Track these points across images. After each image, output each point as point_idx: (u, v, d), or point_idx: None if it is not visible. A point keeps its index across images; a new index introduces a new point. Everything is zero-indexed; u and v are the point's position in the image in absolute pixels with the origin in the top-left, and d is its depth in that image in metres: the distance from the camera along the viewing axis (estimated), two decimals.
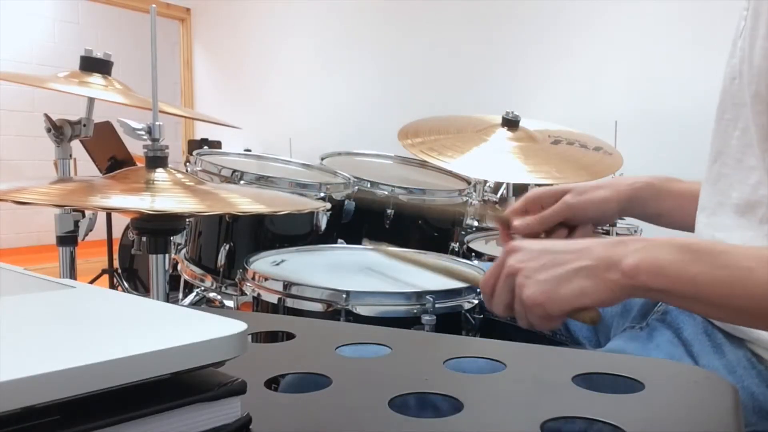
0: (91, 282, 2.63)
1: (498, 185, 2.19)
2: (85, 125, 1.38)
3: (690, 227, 0.81)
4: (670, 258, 0.59)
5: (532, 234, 0.88)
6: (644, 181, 0.88)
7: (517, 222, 0.89)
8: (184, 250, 1.62)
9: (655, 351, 0.74)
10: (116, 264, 2.85)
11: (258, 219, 1.52)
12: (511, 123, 1.80)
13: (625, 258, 0.60)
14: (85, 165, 2.15)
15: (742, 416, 0.41)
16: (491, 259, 1.50)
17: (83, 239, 1.40)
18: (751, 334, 0.68)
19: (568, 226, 0.88)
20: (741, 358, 0.68)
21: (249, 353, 0.33)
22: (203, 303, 1.60)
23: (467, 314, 1.01)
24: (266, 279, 1.05)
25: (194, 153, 1.66)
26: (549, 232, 0.88)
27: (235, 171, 1.51)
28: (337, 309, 0.96)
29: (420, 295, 0.97)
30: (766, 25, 0.64)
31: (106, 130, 2.49)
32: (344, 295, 0.96)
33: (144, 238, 1.02)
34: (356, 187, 1.65)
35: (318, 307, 0.98)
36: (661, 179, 0.89)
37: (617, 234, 1.81)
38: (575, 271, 0.63)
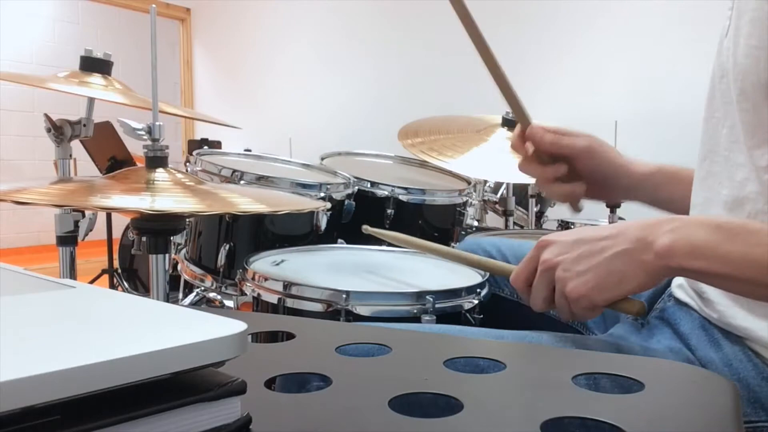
0: (91, 282, 2.63)
1: (498, 185, 2.19)
2: (85, 125, 1.38)
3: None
4: (704, 237, 0.59)
5: (542, 144, 0.86)
6: (656, 165, 0.88)
7: (535, 126, 0.87)
8: (184, 250, 1.62)
9: (656, 344, 0.74)
10: (116, 264, 2.85)
11: (258, 219, 1.52)
12: (511, 123, 1.80)
13: (659, 239, 0.60)
14: (85, 165, 2.15)
15: (741, 416, 0.41)
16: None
17: (83, 239, 1.40)
18: (747, 331, 0.69)
19: (571, 167, 0.87)
20: (737, 352, 0.69)
21: (249, 353, 0.33)
22: (203, 303, 1.60)
23: (467, 314, 1.01)
24: (266, 279, 1.05)
25: (194, 153, 1.66)
26: (555, 157, 0.87)
27: (235, 171, 1.51)
28: (337, 309, 0.96)
29: (420, 295, 0.97)
30: (749, 24, 0.65)
31: (106, 130, 2.49)
32: (344, 295, 0.96)
33: (144, 238, 1.02)
34: (356, 187, 1.65)
35: (318, 307, 0.98)
36: (672, 166, 0.89)
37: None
38: (613, 256, 0.63)
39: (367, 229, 1.07)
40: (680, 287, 0.79)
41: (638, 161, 0.90)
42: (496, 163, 1.71)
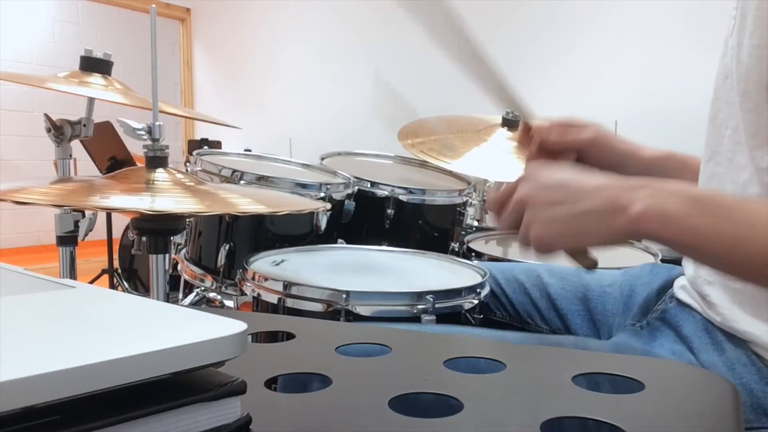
0: (91, 282, 2.63)
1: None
2: (85, 125, 1.38)
3: None
4: (677, 207, 0.59)
5: (548, 140, 0.86)
6: (666, 152, 0.88)
7: (538, 123, 0.87)
8: (184, 250, 1.62)
9: (659, 348, 0.74)
10: (116, 264, 2.85)
11: (258, 219, 1.52)
12: (511, 123, 1.80)
13: (633, 204, 0.60)
14: (85, 165, 2.15)
15: (741, 416, 0.41)
16: (491, 258, 1.50)
17: (83, 239, 1.40)
18: (749, 335, 0.69)
19: (579, 155, 0.87)
20: (741, 356, 0.69)
21: (249, 353, 0.33)
22: (203, 303, 1.60)
23: (467, 314, 1.01)
24: (266, 279, 1.05)
25: (194, 153, 1.66)
26: (563, 148, 0.87)
27: (235, 171, 1.51)
28: (337, 309, 0.96)
29: (420, 295, 0.97)
30: (752, 23, 0.65)
31: (106, 130, 2.48)
32: (344, 295, 0.96)
33: (144, 238, 1.02)
34: (356, 187, 1.65)
35: (318, 307, 0.98)
36: (682, 154, 0.89)
37: None
38: (584, 212, 0.63)
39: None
40: (683, 288, 0.79)
41: (647, 147, 0.89)
42: (496, 163, 1.71)
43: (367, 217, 1.65)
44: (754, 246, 0.56)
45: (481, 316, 1.02)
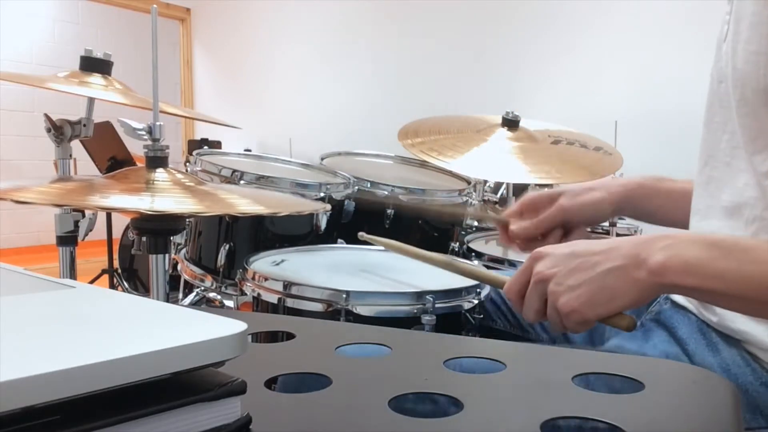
0: (91, 282, 2.63)
1: (498, 185, 2.19)
2: (85, 125, 1.38)
3: (681, 224, 0.82)
4: (698, 254, 0.59)
5: (530, 237, 0.89)
6: (636, 181, 0.90)
7: (514, 227, 0.90)
8: (184, 250, 1.62)
9: (652, 350, 0.74)
10: (116, 264, 2.85)
11: (258, 219, 1.52)
12: (511, 123, 1.80)
13: (652, 256, 0.60)
14: (85, 165, 2.15)
15: (741, 415, 0.41)
16: (491, 258, 1.50)
17: (83, 239, 1.40)
18: (745, 335, 0.69)
19: (563, 227, 0.89)
20: (735, 357, 0.69)
21: (249, 353, 0.33)
22: (203, 303, 1.60)
23: (467, 314, 1.01)
24: (266, 279, 1.05)
25: (194, 153, 1.66)
26: (545, 235, 0.89)
27: (235, 171, 1.51)
28: (337, 309, 0.96)
29: (420, 295, 0.97)
30: (747, 29, 0.64)
31: (106, 130, 2.49)
32: (344, 295, 0.96)
33: (144, 238, 1.02)
34: (356, 187, 1.65)
35: (318, 307, 0.98)
36: (653, 179, 0.90)
37: (617, 234, 1.81)
38: (605, 272, 0.63)
39: (362, 236, 1.07)
40: None
41: (615, 183, 0.91)
42: (496, 163, 1.71)
43: (367, 217, 1.65)
44: None
45: (481, 316, 1.02)
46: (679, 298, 0.78)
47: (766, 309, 0.61)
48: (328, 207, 1.29)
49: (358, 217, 1.62)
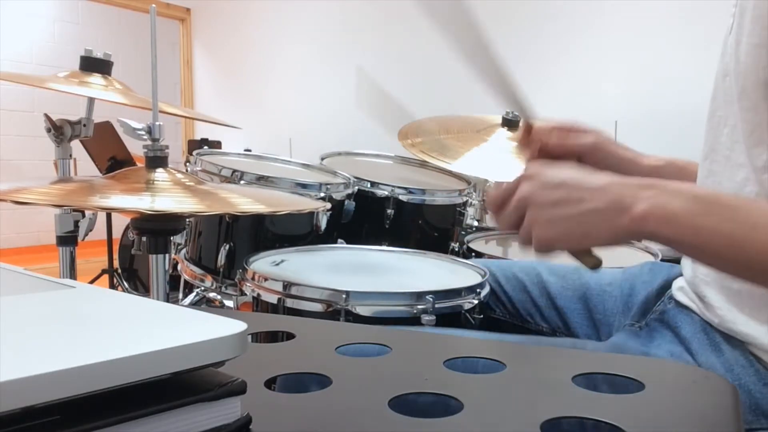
0: (91, 282, 2.63)
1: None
2: (85, 125, 1.38)
3: None
4: (680, 206, 0.59)
5: (546, 148, 0.86)
6: (666, 159, 0.88)
7: (539, 125, 0.87)
8: (184, 250, 1.62)
9: (656, 349, 0.74)
10: (116, 264, 2.84)
11: (258, 219, 1.52)
12: (511, 123, 1.80)
13: (636, 203, 0.60)
14: (85, 165, 2.15)
15: (741, 416, 0.41)
16: (491, 258, 1.50)
17: (83, 239, 1.40)
18: (747, 336, 0.69)
19: (580, 161, 0.87)
20: (739, 357, 0.69)
21: (249, 353, 0.33)
22: (203, 303, 1.60)
23: (467, 314, 1.01)
24: (266, 279, 1.05)
25: (194, 153, 1.66)
26: (561, 156, 0.86)
27: (235, 171, 1.51)
28: (337, 309, 0.96)
29: (420, 295, 0.97)
30: (751, 22, 0.65)
31: (106, 130, 2.48)
32: (344, 295, 0.96)
33: (144, 238, 1.02)
34: (356, 187, 1.65)
35: (318, 307, 0.98)
36: (682, 160, 0.89)
37: None
38: (587, 212, 0.62)
39: None
40: (681, 290, 0.79)
41: (647, 155, 0.89)
42: (496, 163, 1.71)
43: (367, 217, 1.65)
44: (755, 246, 0.56)
45: (481, 316, 1.02)
46: (682, 298, 0.78)
47: (737, 270, 0.60)
48: (328, 206, 1.29)
49: (358, 217, 1.62)
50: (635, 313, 0.85)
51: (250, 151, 2.15)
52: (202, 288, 1.57)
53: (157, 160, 1.03)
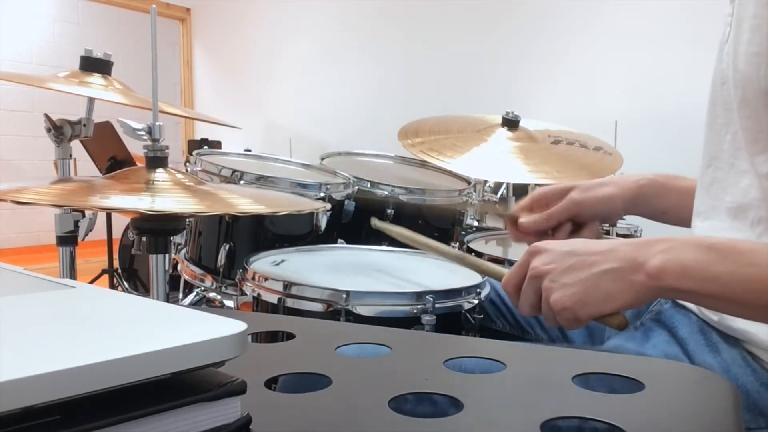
0: (91, 282, 2.63)
1: (498, 185, 2.19)
2: (85, 125, 1.38)
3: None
4: (695, 258, 0.59)
5: (540, 231, 0.88)
6: (649, 178, 0.89)
7: (524, 219, 0.89)
8: (184, 250, 1.62)
9: (652, 350, 0.74)
10: (116, 264, 2.85)
11: (258, 219, 1.52)
12: (511, 123, 1.80)
13: (650, 260, 0.60)
14: (85, 165, 2.15)
15: (741, 416, 0.41)
16: (491, 259, 1.50)
17: (83, 239, 1.40)
18: (746, 334, 0.68)
19: (573, 222, 0.89)
20: (736, 357, 0.69)
21: (249, 353, 0.33)
22: (203, 303, 1.60)
23: (467, 314, 1.01)
24: (266, 279, 1.05)
25: (194, 153, 1.66)
26: (555, 229, 0.89)
27: (235, 171, 1.51)
28: (337, 309, 0.96)
29: (420, 295, 0.97)
30: (749, 31, 0.64)
31: (106, 130, 2.49)
32: (344, 295, 0.96)
33: (144, 238, 1.02)
34: (356, 187, 1.65)
35: (318, 307, 0.98)
36: (666, 176, 0.89)
37: (617, 234, 1.80)
38: (601, 273, 0.63)
39: (375, 224, 1.07)
40: None
41: (628, 179, 0.90)
42: (496, 163, 1.71)
43: (367, 217, 1.65)
44: None
45: (481, 316, 1.02)
46: None
47: (765, 312, 0.60)
48: (328, 206, 1.29)
49: (358, 217, 1.62)
50: (629, 315, 0.85)
51: (250, 151, 2.15)
52: (202, 288, 1.57)
53: (157, 160, 1.03)
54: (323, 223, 1.52)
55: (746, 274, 0.57)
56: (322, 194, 1.53)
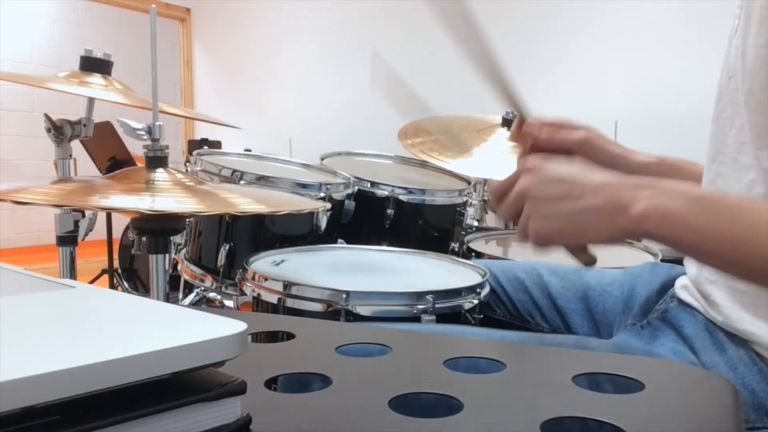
0: (91, 282, 2.63)
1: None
2: (85, 125, 1.38)
3: None
4: (679, 206, 0.59)
5: (538, 142, 0.86)
6: (658, 157, 0.88)
7: (533, 119, 0.87)
8: (184, 250, 1.62)
9: (660, 348, 0.74)
10: (116, 264, 2.84)
11: (258, 219, 1.52)
12: (511, 123, 1.80)
13: (635, 204, 0.60)
14: (85, 165, 2.15)
15: (742, 416, 0.41)
16: (491, 258, 1.50)
17: (83, 239, 1.40)
18: (751, 335, 0.68)
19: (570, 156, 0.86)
20: (742, 356, 0.69)
21: (249, 353, 0.33)
22: (203, 303, 1.60)
23: (467, 314, 1.01)
24: (266, 279, 1.05)
25: (194, 153, 1.66)
26: (554, 150, 0.86)
27: (235, 171, 1.51)
28: (337, 309, 0.96)
29: (420, 295, 0.97)
30: (757, 24, 0.64)
31: (106, 130, 2.48)
32: (344, 295, 0.96)
33: (144, 238, 1.02)
34: (356, 187, 1.65)
35: (318, 307, 0.98)
36: (675, 158, 0.89)
37: None
38: (584, 209, 0.62)
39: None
40: (684, 288, 0.79)
41: (638, 152, 0.89)
42: (496, 163, 1.71)
43: (367, 217, 1.65)
44: (755, 247, 0.55)
45: (481, 315, 1.02)
46: (685, 297, 0.78)
47: (736, 269, 0.60)
48: (328, 206, 1.29)
49: (358, 217, 1.62)
50: (636, 312, 0.85)
51: (250, 151, 2.15)
52: (202, 288, 1.57)
53: (157, 160, 1.03)
54: (323, 223, 1.52)
55: (722, 230, 0.57)
56: (322, 194, 1.53)
